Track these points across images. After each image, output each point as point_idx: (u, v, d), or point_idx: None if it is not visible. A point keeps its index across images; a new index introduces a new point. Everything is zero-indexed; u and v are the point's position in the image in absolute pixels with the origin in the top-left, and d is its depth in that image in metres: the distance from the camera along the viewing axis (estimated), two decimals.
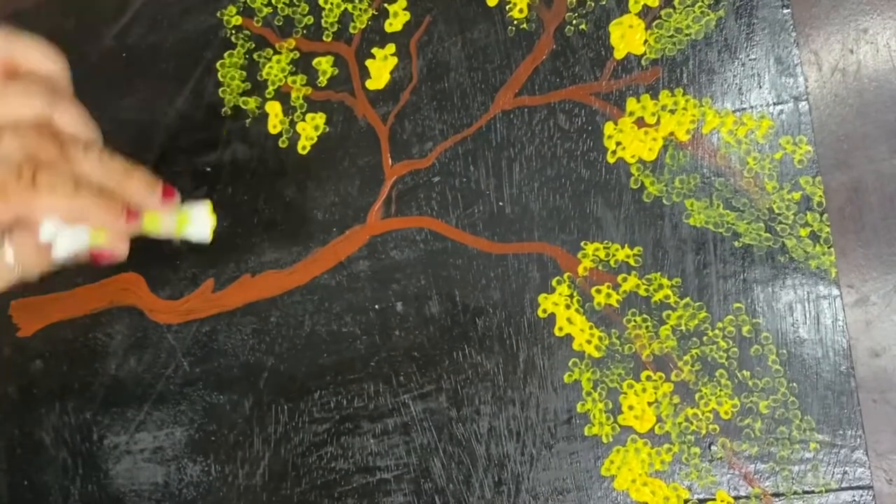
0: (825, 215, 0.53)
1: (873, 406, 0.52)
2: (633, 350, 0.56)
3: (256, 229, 0.65)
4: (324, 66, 0.64)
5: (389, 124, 0.62)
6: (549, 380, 0.57)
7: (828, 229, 0.53)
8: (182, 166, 0.67)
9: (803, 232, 0.53)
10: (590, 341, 0.57)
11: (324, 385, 0.63)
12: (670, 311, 0.55)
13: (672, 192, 0.56)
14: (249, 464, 0.64)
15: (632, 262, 0.56)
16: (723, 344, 0.54)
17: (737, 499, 0.53)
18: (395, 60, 0.63)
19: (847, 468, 0.52)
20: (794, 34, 0.54)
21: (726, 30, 0.55)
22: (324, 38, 0.64)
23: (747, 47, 0.55)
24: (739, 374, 0.54)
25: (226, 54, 0.67)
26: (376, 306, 0.62)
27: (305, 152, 0.64)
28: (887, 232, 0.52)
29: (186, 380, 0.66)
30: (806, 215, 0.53)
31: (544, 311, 0.58)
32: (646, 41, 0.57)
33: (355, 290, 0.62)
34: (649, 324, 0.56)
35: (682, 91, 0.56)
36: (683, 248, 0.55)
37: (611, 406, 0.56)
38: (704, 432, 0.54)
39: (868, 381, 0.52)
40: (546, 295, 0.58)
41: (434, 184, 0.61)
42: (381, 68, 0.63)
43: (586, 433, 0.56)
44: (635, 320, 0.56)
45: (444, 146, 0.61)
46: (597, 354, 0.56)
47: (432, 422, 0.60)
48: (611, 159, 0.57)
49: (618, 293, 0.56)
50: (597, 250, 0.57)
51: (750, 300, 0.54)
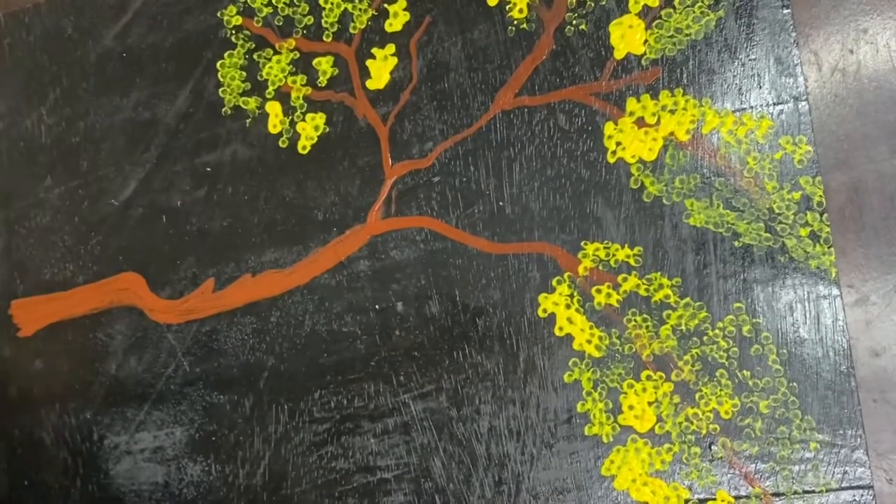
0: (825, 215, 0.53)
1: (873, 406, 0.52)
2: (634, 350, 0.56)
3: (256, 229, 0.65)
4: (324, 66, 0.64)
5: (389, 124, 0.62)
6: (550, 379, 0.57)
7: (828, 229, 0.53)
8: (182, 166, 0.67)
9: (803, 232, 0.53)
10: (590, 341, 0.57)
11: (324, 385, 0.63)
12: (670, 311, 0.55)
13: (672, 192, 0.56)
14: (250, 463, 0.64)
15: (632, 261, 0.56)
16: (723, 344, 0.54)
17: (737, 498, 0.53)
18: (395, 60, 0.63)
19: (847, 468, 0.52)
20: (793, 34, 0.54)
21: (726, 30, 0.55)
22: (324, 39, 0.64)
23: (747, 47, 0.55)
24: (740, 374, 0.54)
25: (226, 54, 0.67)
26: (376, 306, 0.62)
27: (306, 152, 0.64)
28: (887, 232, 0.53)
29: (187, 380, 0.66)
30: (806, 215, 0.53)
31: (544, 310, 0.58)
32: (646, 41, 0.57)
33: (355, 290, 0.62)
34: (649, 323, 0.56)
35: (682, 91, 0.56)
36: (683, 248, 0.55)
37: (611, 406, 0.56)
38: (705, 432, 0.54)
39: (868, 380, 0.52)
40: (546, 295, 0.58)
41: (434, 184, 0.61)
42: (381, 68, 0.63)
43: (586, 433, 0.56)
44: (635, 320, 0.56)
45: (444, 146, 0.61)
46: (597, 354, 0.56)
47: (432, 421, 0.60)
48: (611, 159, 0.57)
49: (618, 293, 0.56)
50: (597, 250, 0.57)
51: (750, 300, 0.54)
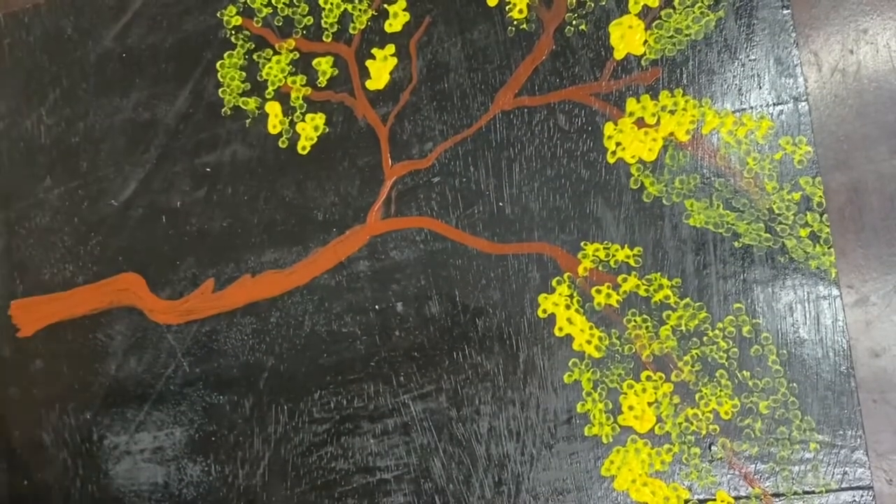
0: (825, 216, 0.53)
1: (873, 406, 0.52)
2: (634, 350, 0.56)
3: (256, 230, 0.65)
4: (324, 66, 0.64)
5: (389, 125, 0.62)
6: (550, 380, 0.57)
7: (828, 230, 0.53)
8: (182, 167, 0.67)
9: (803, 232, 0.53)
10: (590, 341, 0.57)
11: (324, 385, 0.63)
12: (670, 312, 0.55)
13: (672, 192, 0.56)
14: (249, 464, 0.64)
15: (632, 262, 0.56)
16: (723, 344, 0.54)
17: (737, 499, 0.53)
18: (395, 61, 0.63)
19: (847, 468, 0.52)
20: (793, 35, 0.54)
21: (726, 30, 0.55)
22: (324, 39, 0.64)
23: (747, 48, 0.55)
24: (739, 375, 0.54)
25: (226, 55, 0.67)
26: (376, 306, 0.62)
27: (305, 152, 0.64)
28: (887, 232, 0.52)
29: (186, 380, 0.66)
30: (806, 216, 0.53)
31: (544, 311, 0.58)
32: (645, 42, 0.57)
33: (355, 291, 0.62)
34: (649, 324, 0.56)
35: (681, 91, 0.56)
36: (683, 249, 0.55)
37: (611, 406, 0.56)
38: (705, 432, 0.54)
39: (868, 381, 0.52)
40: (546, 295, 0.58)
41: (434, 184, 0.61)
42: (380, 69, 0.63)
43: (586, 433, 0.56)
44: (635, 320, 0.56)
45: (443, 146, 0.61)
46: (597, 355, 0.56)
47: (432, 422, 0.60)
48: (611, 159, 0.57)
49: (618, 293, 0.56)
50: (597, 250, 0.57)
51: (750, 300, 0.54)
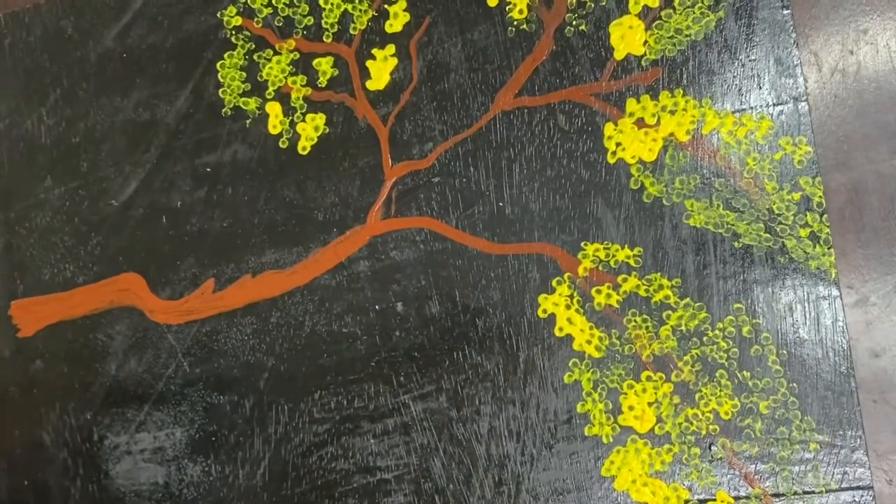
0: (825, 216, 0.53)
1: (873, 406, 0.52)
2: (634, 350, 0.56)
3: (257, 230, 0.65)
4: (324, 66, 0.64)
5: (389, 125, 0.63)
6: (550, 380, 0.57)
7: (828, 230, 0.53)
8: (182, 167, 0.67)
9: (803, 232, 0.53)
10: (590, 341, 0.57)
11: (324, 385, 0.63)
12: (670, 312, 0.55)
13: (672, 192, 0.56)
14: (250, 464, 0.64)
15: (632, 262, 0.56)
16: (723, 344, 0.54)
17: (737, 499, 0.53)
18: (396, 61, 0.63)
19: (847, 468, 0.52)
20: (793, 35, 0.54)
21: (726, 31, 0.55)
22: (324, 39, 0.64)
23: (747, 48, 0.55)
24: (739, 375, 0.54)
25: (226, 55, 0.67)
26: (377, 307, 0.62)
27: (306, 153, 0.64)
28: (887, 233, 0.53)
29: (187, 380, 0.66)
30: (806, 216, 0.53)
31: (544, 311, 0.58)
32: (646, 42, 0.57)
33: (355, 291, 0.62)
34: (649, 324, 0.56)
35: (681, 92, 0.56)
36: (683, 249, 0.55)
37: (611, 406, 0.56)
38: (705, 433, 0.54)
39: (868, 381, 0.52)
40: (546, 295, 0.58)
41: (434, 184, 0.61)
42: (381, 69, 0.63)
43: (586, 433, 0.56)
44: (635, 321, 0.56)
45: (444, 147, 0.61)
46: (597, 355, 0.56)
47: (432, 422, 0.60)
48: (611, 160, 0.57)
49: (618, 293, 0.56)
50: (597, 251, 0.57)
51: (750, 301, 0.54)
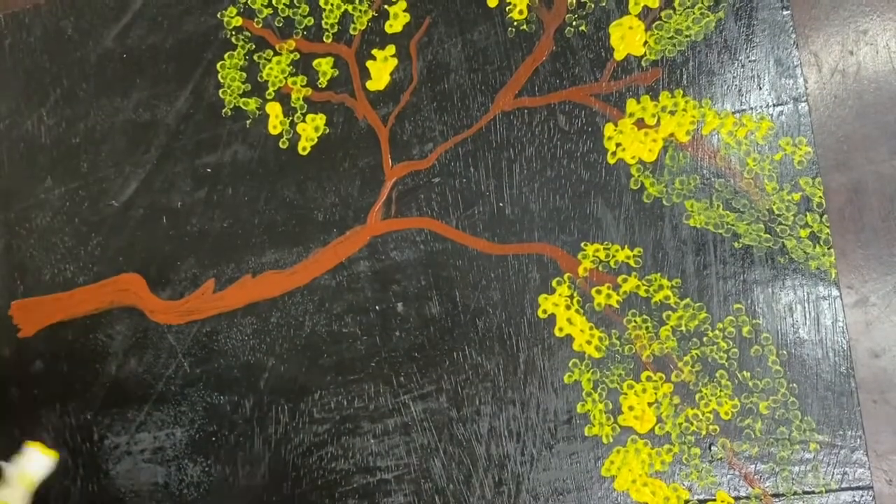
0: (825, 216, 0.53)
1: (873, 407, 0.52)
2: (634, 351, 0.56)
3: (257, 230, 0.65)
4: (324, 67, 0.64)
5: (389, 125, 0.63)
6: (550, 380, 0.57)
7: (828, 230, 0.53)
8: (182, 167, 0.67)
9: (803, 233, 0.53)
10: (590, 342, 0.57)
11: (324, 385, 0.63)
12: (670, 312, 0.55)
13: (672, 193, 0.56)
14: (250, 464, 0.64)
15: (632, 262, 0.56)
16: (723, 345, 0.54)
17: (737, 499, 0.54)
18: (396, 62, 0.63)
19: (847, 469, 0.52)
20: (793, 36, 0.54)
21: (726, 31, 0.55)
22: (324, 40, 0.64)
23: (747, 49, 0.55)
24: (740, 375, 0.54)
25: (226, 55, 0.67)
26: (377, 307, 0.62)
27: (306, 153, 0.64)
28: (887, 233, 0.53)
29: (187, 380, 0.66)
30: (806, 216, 0.53)
31: (544, 311, 0.58)
32: (646, 42, 0.57)
33: (356, 291, 0.62)
34: (649, 324, 0.56)
35: (682, 92, 0.56)
36: (683, 249, 0.55)
37: (611, 406, 0.56)
38: (705, 433, 0.54)
39: (868, 381, 0.52)
40: (546, 295, 0.58)
41: (434, 185, 0.61)
42: (381, 69, 0.63)
43: (586, 433, 0.57)
44: (635, 321, 0.56)
45: (444, 147, 0.61)
46: (597, 355, 0.56)
47: (432, 422, 0.60)
48: (611, 160, 0.57)
49: (618, 294, 0.56)
50: (597, 251, 0.57)
51: (750, 301, 0.54)
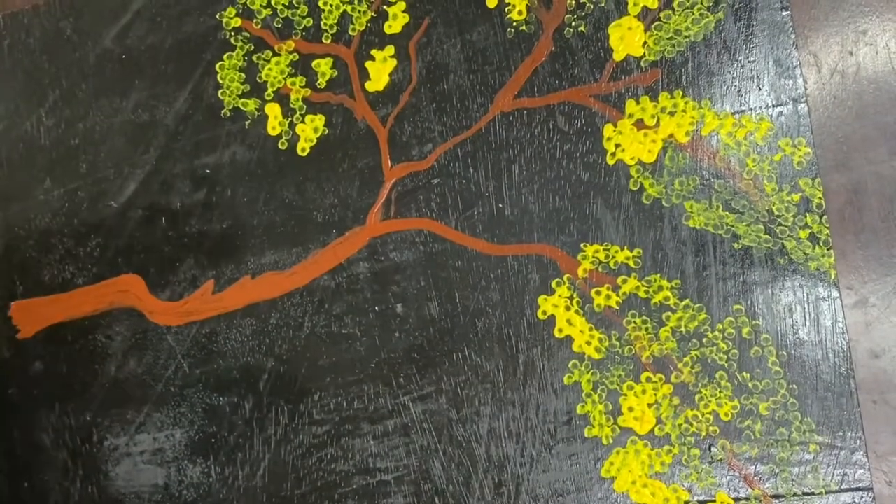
0: (825, 217, 0.53)
1: (873, 407, 0.52)
2: (633, 352, 0.56)
3: (256, 231, 0.65)
4: (323, 67, 0.64)
5: (389, 126, 0.62)
6: (549, 381, 0.57)
7: (827, 231, 0.53)
8: (182, 168, 0.67)
9: (803, 234, 0.53)
10: (590, 343, 0.57)
11: (324, 387, 0.63)
12: (670, 313, 0.55)
13: (671, 193, 0.56)
14: (249, 465, 0.64)
15: (631, 263, 0.56)
16: (723, 346, 0.54)
17: (737, 500, 0.53)
18: (395, 62, 0.63)
19: (847, 470, 0.52)
20: (793, 36, 0.54)
21: (725, 32, 0.55)
22: (323, 40, 0.64)
23: (746, 49, 0.55)
24: (739, 376, 0.54)
25: (225, 56, 0.67)
26: (376, 308, 0.62)
27: (305, 154, 0.64)
28: (887, 234, 0.53)
29: (186, 381, 0.66)
30: (805, 217, 0.53)
31: (544, 312, 0.58)
32: (645, 43, 0.57)
33: (355, 292, 0.62)
34: (649, 325, 0.56)
35: (681, 93, 0.56)
36: (683, 250, 0.55)
37: (611, 408, 0.56)
38: (704, 434, 0.54)
39: (868, 382, 0.52)
40: (546, 296, 0.58)
41: (433, 185, 0.61)
42: (380, 70, 0.63)
43: (586, 435, 0.56)
44: (635, 322, 0.56)
45: (443, 148, 0.61)
46: (597, 356, 0.56)
47: (432, 423, 0.60)
48: (610, 161, 0.57)
49: (617, 295, 0.56)
50: (596, 252, 0.57)
51: (750, 302, 0.54)
